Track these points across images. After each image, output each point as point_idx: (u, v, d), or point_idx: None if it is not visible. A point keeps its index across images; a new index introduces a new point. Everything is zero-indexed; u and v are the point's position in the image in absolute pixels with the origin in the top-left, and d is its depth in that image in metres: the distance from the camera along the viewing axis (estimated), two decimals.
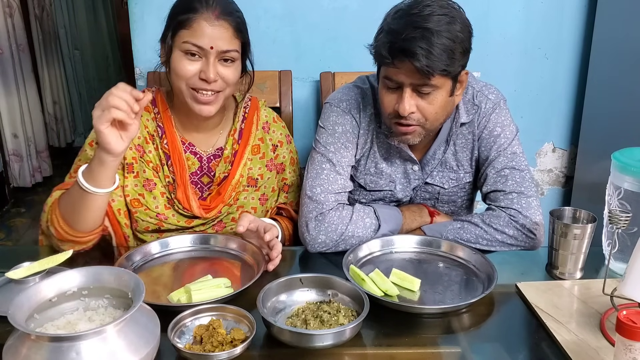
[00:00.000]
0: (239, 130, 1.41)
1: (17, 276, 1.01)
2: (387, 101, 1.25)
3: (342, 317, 0.98)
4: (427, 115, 1.23)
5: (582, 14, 1.97)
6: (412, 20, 1.14)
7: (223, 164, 1.39)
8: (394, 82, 1.21)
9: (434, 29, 1.13)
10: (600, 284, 1.03)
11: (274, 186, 1.45)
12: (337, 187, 1.34)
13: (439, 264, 1.22)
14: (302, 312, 1.01)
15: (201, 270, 1.19)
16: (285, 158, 1.48)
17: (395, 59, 1.16)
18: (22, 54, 3.51)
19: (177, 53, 1.26)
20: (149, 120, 1.36)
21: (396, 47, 1.14)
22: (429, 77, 1.16)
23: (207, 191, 1.39)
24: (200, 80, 1.25)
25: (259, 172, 1.43)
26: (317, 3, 1.87)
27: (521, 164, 1.35)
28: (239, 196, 1.40)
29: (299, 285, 1.07)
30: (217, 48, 1.24)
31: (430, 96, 1.20)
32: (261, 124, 1.45)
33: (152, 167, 1.34)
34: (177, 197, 1.33)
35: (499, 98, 1.39)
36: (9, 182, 3.53)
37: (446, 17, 1.15)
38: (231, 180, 1.37)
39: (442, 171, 1.41)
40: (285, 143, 1.48)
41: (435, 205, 1.46)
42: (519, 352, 0.96)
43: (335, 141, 1.37)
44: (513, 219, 1.29)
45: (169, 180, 1.35)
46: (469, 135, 1.38)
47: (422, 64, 1.13)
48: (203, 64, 1.25)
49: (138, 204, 1.34)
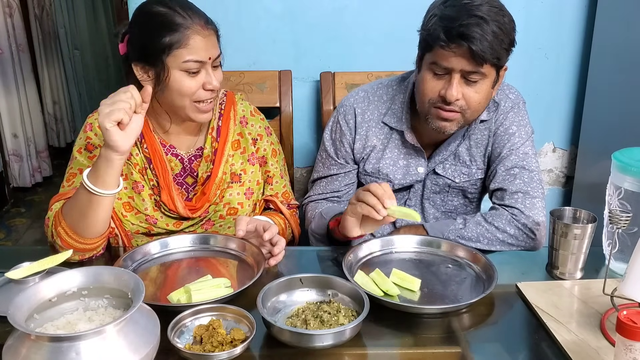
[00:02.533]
0: (217, 128, 1.39)
1: (17, 276, 1.00)
2: (431, 86, 1.26)
3: (342, 317, 0.98)
4: (471, 104, 1.25)
5: (582, 14, 1.97)
6: (465, 8, 1.18)
7: (204, 163, 1.38)
8: (442, 68, 1.22)
9: (487, 17, 1.17)
10: (601, 284, 1.03)
11: (258, 179, 1.44)
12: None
13: (439, 264, 1.22)
14: (302, 312, 1.01)
15: (201, 270, 1.19)
16: (266, 151, 1.46)
17: (453, 43, 1.18)
18: (22, 54, 3.51)
19: (177, 73, 1.23)
20: None
21: (453, 31, 1.17)
22: (481, 64, 1.19)
23: (192, 192, 1.39)
24: (204, 92, 1.26)
25: (242, 167, 1.41)
26: (317, 3, 1.87)
27: (531, 164, 1.36)
28: (224, 193, 1.39)
29: (299, 285, 1.07)
30: (212, 56, 1.25)
31: (477, 85, 1.23)
32: (238, 118, 1.43)
33: (138, 170, 1.34)
34: (162, 199, 1.33)
35: (519, 99, 1.42)
36: (9, 182, 3.53)
37: (496, 9, 1.19)
38: (214, 179, 1.37)
39: (454, 164, 1.42)
40: (265, 135, 1.46)
41: (445, 199, 1.47)
42: (519, 352, 0.97)
43: (328, 148, 1.47)
44: (515, 217, 1.29)
45: (153, 183, 1.34)
46: (485, 132, 1.39)
47: (479, 48, 1.16)
48: (204, 76, 1.25)
49: (129, 207, 1.34)
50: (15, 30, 3.43)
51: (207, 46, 1.24)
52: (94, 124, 1.34)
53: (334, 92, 1.83)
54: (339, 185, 1.48)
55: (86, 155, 1.32)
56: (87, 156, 1.32)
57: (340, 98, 1.74)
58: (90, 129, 1.34)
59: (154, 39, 1.22)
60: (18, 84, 3.48)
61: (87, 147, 1.32)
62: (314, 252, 1.33)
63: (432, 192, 1.46)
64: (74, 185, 1.29)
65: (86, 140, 1.33)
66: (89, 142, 1.33)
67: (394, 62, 1.80)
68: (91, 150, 1.32)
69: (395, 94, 1.43)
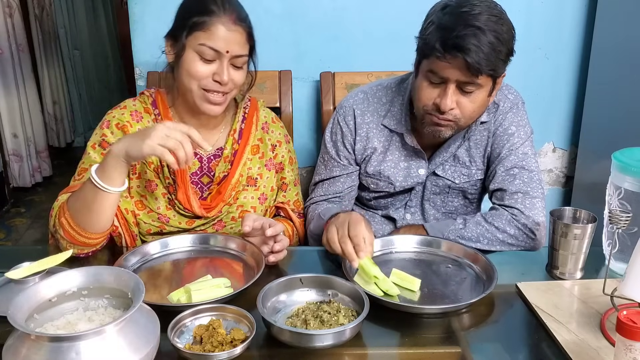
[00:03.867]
0: (239, 130, 1.42)
1: (17, 276, 1.00)
2: (427, 94, 1.26)
3: (342, 317, 0.98)
4: (466, 112, 1.25)
5: (583, 14, 1.97)
6: (463, 17, 1.16)
7: (223, 163, 1.39)
8: (438, 77, 1.22)
9: (484, 27, 1.15)
10: (601, 284, 1.03)
11: (272, 185, 1.46)
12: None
13: (439, 264, 1.22)
14: (302, 312, 1.01)
15: (201, 270, 1.19)
16: (284, 157, 1.48)
17: (448, 54, 1.17)
18: (22, 54, 3.51)
19: (191, 54, 1.26)
20: (150, 122, 1.36)
21: (449, 42, 1.16)
22: (476, 75, 1.18)
23: (207, 191, 1.39)
24: (212, 82, 1.27)
25: (258, 171, 1.43)
26: (317, 3, 1.87)
27: (531, 164, 1.36)
28: (239, 195, 1.40)
29: (299, 285, 1.07)
30: (232, 52, 1.25)
31: (472, 95, 1.23)
32: (260, 124, 1.45)
33: (152, 169, 1.34)
34: (178, 197, 1.34)
35: (518, 99, 1.41)
36: (9, 182, 3.53)
37: (494, 17, 1.17)
38: (231, 180, 1.38)
39: (454, 166, 1.42)
40: (283, 143, 1.49)
41: (445, 200, 1.47)
42: (519, 352, 0.97)
43: (330, 149, 1.47)
44: (515, 217, 1.29)
45: (169, 181, 1.35)
46: (485, 132, 1.39)
47: (474, 60, 1.15)
48: (217, 67, 1.26)
49: (142, 205, 1.35)
50: (15, 30, 3.43)
51: (228, 39, 1.25)
52: (111, 121, 1.34)
53: (334, 92, 1.83)
54: (342, 187, 1.48)
55: (99, 151, 1.32)
56: (100, 152, 1.32)
57: (340, 98, 1.74)
58: (107, 126, 1.34)
59: (185, 18, 1.27)
60: (18, 84, 3.48)
61: (101, 144, 1.32)
62: (314, 252, 1.32)
63: (432, 194, 1.46)
64: (84, 180, 1.29)
65: (101, 137, 1.33)
66: (104, 139, 1.33)
67: (394, 62, 1.80)
68: (105, 148, 1.31)
69: (395, 96, 1.43)
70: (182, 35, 1.26)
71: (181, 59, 1.27)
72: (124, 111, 1.35)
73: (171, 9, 1.29)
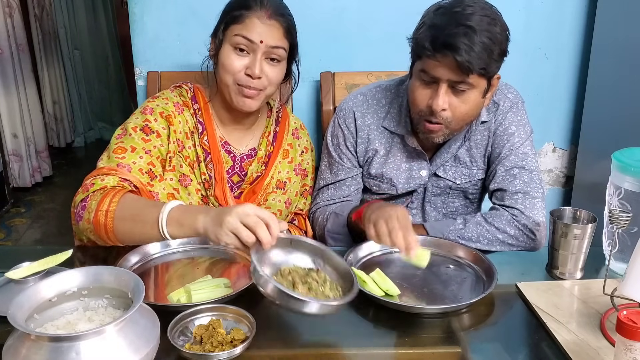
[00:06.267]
0: (273, 133, 1.44)
1: (17, 276, 1.00)
2: (421, 96, 1.26)
3: (328, 289, 0.96)
4: (457, 114, 1.24)
5: (582, 14, 1.97)
6: (455, 17, 1.16)
7: (256, 164, 1.41)
8: (430, 77, 1.22)
9: (476, 27, 1.15)
10: (601, 284, 1.03)
11: (297, 190, 1.49)
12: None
13: (439, 264, 1.22)
14: (288, 274, 0.98)
15: (201, 270, 1.19)
16: (308, 164, 1.53)
17: (438, 53, 1.17)
18: (21, 53, 3.51)
19: (227, 47, 1.28)
20: (189, 116, 1.36)
21: (439, 41, 1.16)
22: (467, 75, 1.17)
23: (236, 190, 1.41)
24: (245, 77, 1.28)
25: (287, 175, 1.46)
26: (317, 3, 1.87)
27: (531, 164, 1.36)
28: (268, 197, 1.43)
29: (287, 246, 1.03)
30: (266, 43, 1.26)
31: (464, 95, 1.22)
32: (291, 129, 1.49)
33: (188, 163, 1.35)
34: (215, 194, 1.35)
35: (518, 98, 1.41)
36: (9, 182, 3.53)
37: (487, 18, 1.17)
38: (264, 181, 1.40)
39: (455, 166, 1.42)
40: (309, 150, 1.53)
41: (446, 201, 1.47)
42: (519, 352, 0.96)
43: (332, 152, 1.47)
44: (515, 218, 1.29)
45: (205, 177, 1.35)
46: (485, 132, 1.39)
47: (464, 59, 1.14)
48: (250, 60, 1.27)
49: (172, 199, 1.32)
50: (15, 30, 3.43)
51: (263, 31, 1.26)
52: (155, 109, 1.32)
53: (333, 92, 1.83)
54: (349, 191, 1.47)
55: (140, 136, 1.29)
56: (141, 137, 1.29)
57: (340, 98, 1.74)
58: (150, 113, 1.32)
59: (225, 14, 1.31)
60: (18, 84, 3.48)
61: (144, 129, 1.30)
62: None
63: (433, 195, 1.46)
64: (126, 161, 1.25)
65: (144, 122, 1.31)
66: (147, 125, 1.30)
67: (394, 62, 1.80)
68: (147, 134, 1.29)
69: (394, 97, 1.43)
70: (220, 30, 1.30)
71: (219, 53, 1.29)
72: (167, 101, 1.35)
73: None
